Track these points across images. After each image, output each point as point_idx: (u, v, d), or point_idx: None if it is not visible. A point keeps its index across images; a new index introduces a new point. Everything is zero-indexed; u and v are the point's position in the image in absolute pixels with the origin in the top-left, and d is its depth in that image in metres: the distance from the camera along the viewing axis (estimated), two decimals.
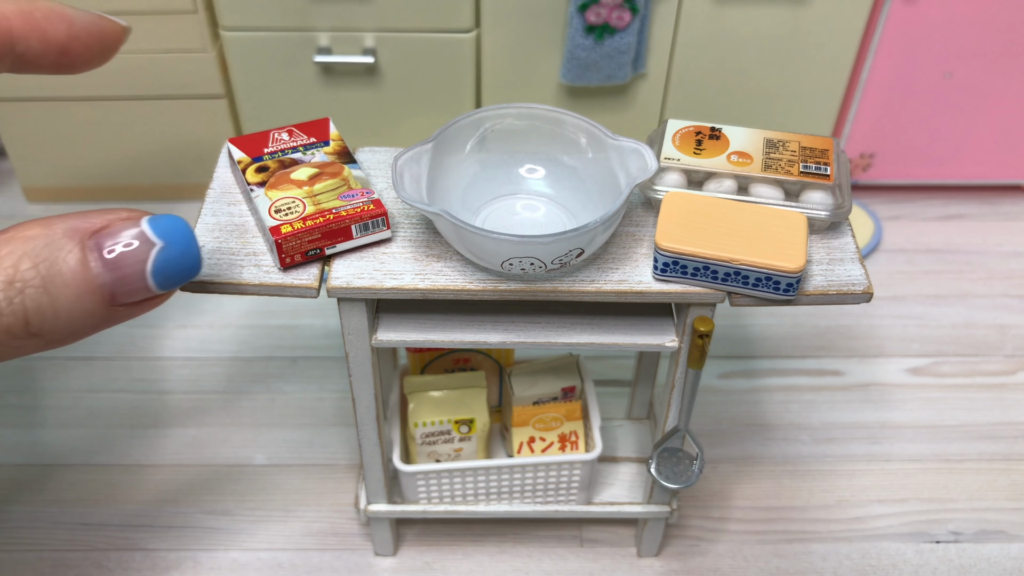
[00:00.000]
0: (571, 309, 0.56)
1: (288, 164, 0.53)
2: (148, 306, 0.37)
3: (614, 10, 0.87)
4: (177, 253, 0.37)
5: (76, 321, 0.34)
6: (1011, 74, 0.99)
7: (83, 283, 0.33)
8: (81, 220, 0.34)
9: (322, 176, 0.52)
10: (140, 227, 0.35)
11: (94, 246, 0.34)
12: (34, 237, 0.33)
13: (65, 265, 0.33)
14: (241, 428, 0.85)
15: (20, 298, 0.32)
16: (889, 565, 0.75)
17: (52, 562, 0.74)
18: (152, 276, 0.35)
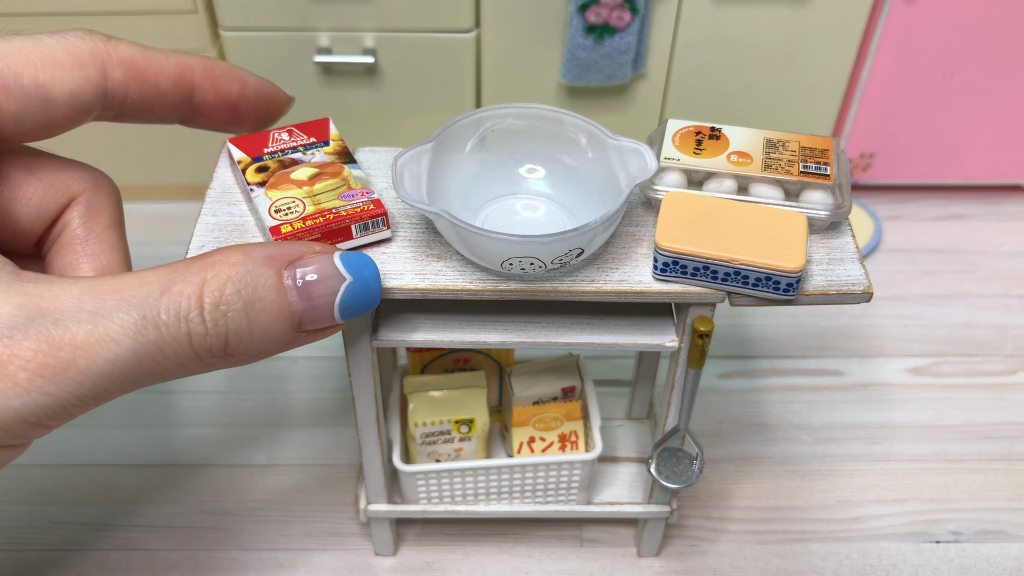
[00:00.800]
0: (571, 309, 0.56)
1: (288, 164, 0.53)
2: (327, 333, 0.39)
3: (614, 10, 0.87)
4: (364, 289, 0.39)
5: (266, 344, 0.36)
6: (1011, 74, 0.99)
7: (278, 309, 0.36)
8: (277, 249, 0.37)
9: (322, 176, 0.52)
10: (332, 261, 0.38)
11: (290, 275, 0.36)
12: (237, 264, 0.35)
13: (265, 291, 0.35)
14: (241, 428, 0.85)
15: (224, 320, 0.34)
16: (889, 565, 0.75)
17: (52, 562, 0.74)
18: (339, 308, 0.38)
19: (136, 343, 0.32)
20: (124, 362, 0.32)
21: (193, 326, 0.33)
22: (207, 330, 0.34)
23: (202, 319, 0.33)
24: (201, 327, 0.33)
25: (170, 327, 0.33)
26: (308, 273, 0.37)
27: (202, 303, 0.33)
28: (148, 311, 0.32)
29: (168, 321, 0.33)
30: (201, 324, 0.33)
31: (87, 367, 0.31)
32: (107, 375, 0.32)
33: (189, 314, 0.33)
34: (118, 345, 0.32)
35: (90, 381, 0.32)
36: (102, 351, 0.31)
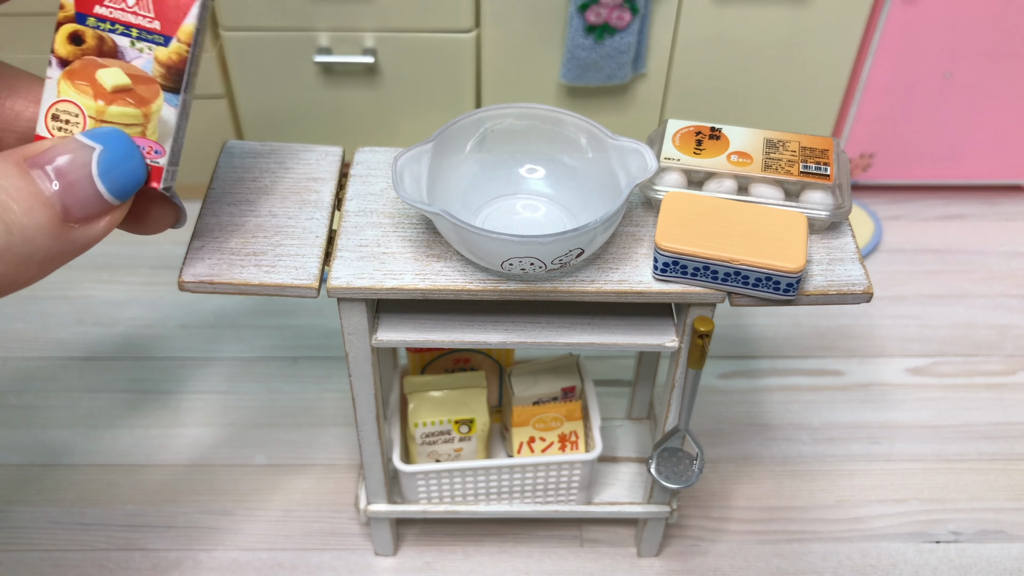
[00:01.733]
0: (571, 309, 0.56)
1: (108, 47, 0.41)
2: (105, 223, 0.35)
3: (614, 10, 0.87)
4: (120, 155, 0.35)
5: (31, 238, 0.32)
6: (1011, 74, 0.99)
7: (31, 196, 0.32)
8: (17, 149, 0.33)
9: (127, 96, 0.41)
10: (75, 138, 0.34)
11: (34, 163, 0.32)
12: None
13: (7, 180, 0.31)
14: (241, 428, 0.85)
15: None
16: (889, 565, 0.75)
17: (52, 562, 0.74)
18: (101, 179, 0.34)
19: None
20: None
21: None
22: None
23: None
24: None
25: None
26: (52, 156, 0.33)
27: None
28: None
29: None
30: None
31: None
32: None
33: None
34: None
35: None
36: None
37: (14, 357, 0.91)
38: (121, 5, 0.40)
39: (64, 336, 0.93)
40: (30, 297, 0.97)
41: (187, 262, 0.51)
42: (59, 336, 0.93)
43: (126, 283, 0.99)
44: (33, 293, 0.98)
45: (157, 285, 0.99)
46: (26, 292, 0.98)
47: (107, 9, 0.40)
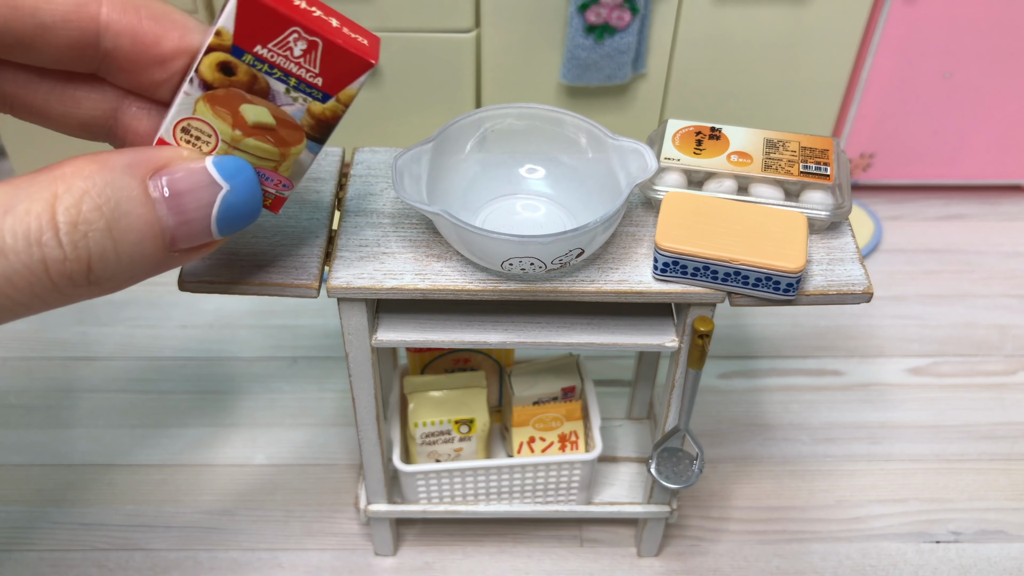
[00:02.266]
0: (571, 309, 0.56)
1: (259, 87, 0.39)
2: (202, 252, 0.34)
3: (614, 10, 0.87)
4: (243, 198, 0.34)
5: (135, 267, 0.31)
6: (1011, 74, 0.99)
7: (147, 227, 0.30)
8: (139, 155, 0.31)
9: (268, 135, 0.39)
10: (205, 166, 0.32)
11: (156, 186, 0.31)
12: (93, 174, 0.29)
13: (130, 205, 0.30)
14: (241, 428, 0.85)
15: (84, 242, 0.29)
16: (889, 565, 0.75)
17: (52, 562, 0.74)
18: (216, 222, 0.33)
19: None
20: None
21: (48, 251, 0.28)
22: (65, 255, 0.28)
23: (58, 242, 0.28)
24: (58, 251, 0.28)
25: (20, 254, 0.28)
26: (178, 182, 0.31)
27: (56, 223, 0.28)
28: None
29: (16, 247, 0.27)
30: (58, 248, 0.28)
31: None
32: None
33: (42, 237, 0.28)
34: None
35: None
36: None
37: (14, 357, 0.91)
38: (286, 53, 0.38)
39: (64, 336, 0.93)
40: None
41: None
42: (59, 336, 0.93)
43: None
44: None
45: (157, 285, 0.99)
46: None
47: (269, 52, 0.38)
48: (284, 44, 0.38)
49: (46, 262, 0.28)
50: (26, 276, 0.28)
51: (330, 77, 0.39)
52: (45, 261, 0.28)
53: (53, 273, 0.29)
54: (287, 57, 0.38)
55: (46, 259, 0.28)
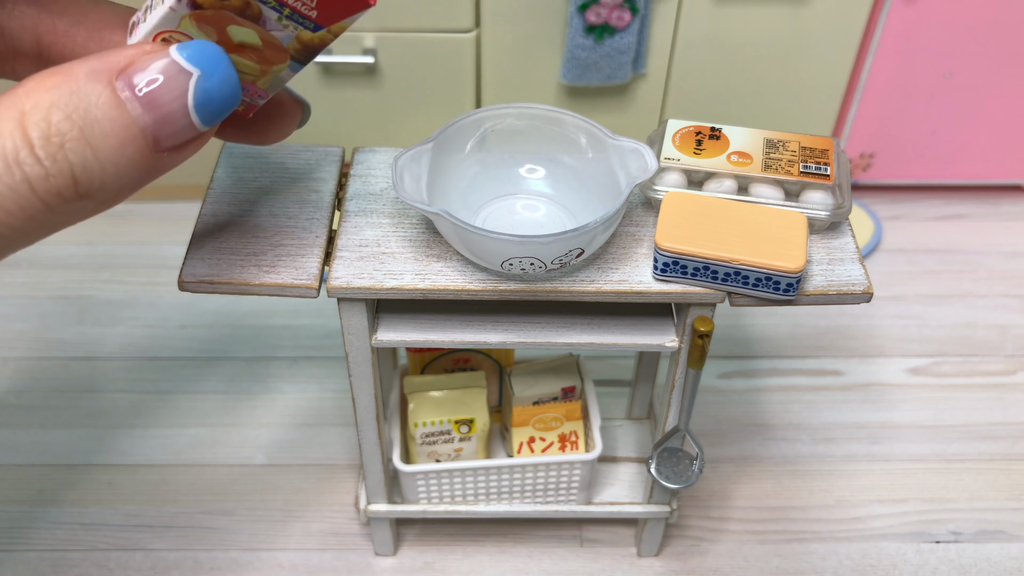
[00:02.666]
0: (571, 309, 0.56)
1: (252, 12, 0.38)
2: (191, 149, 0.33)
3: (614, 10, 0.87)
4: (217, 81, 0.32)
5: (123, 173, 0.30)
6: (1011, 74, 0.99)
7: (123, 128, 0.29)
8: (101, 60, 0.30)
9: (253, 53, 0.38)
10: (170, 57, 0.31)
11: (125, 85, 0.30)
12: (56, 86, 0.28)
13: (100, 111, 0.29)
14: (241, 428, 0.85)
15: (62, 153, 0.28)
16: (889, 565, 0.75)
17: (52, 562, 0.74)
18: (196, 111, 0.31)
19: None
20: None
21: (28, 168, 0.27)
22: (46, 170, 0.28)
23: (36, 158, 0.27)
24: (38, 168, 0.28)
25: (1, 176, 0.27)
26: (145, 76, 0.30)
27: (29, 139, 0.27)
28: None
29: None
30: (37, 164, 0.28)
31: None
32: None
33: (19, 155, 0.27)
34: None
35: None
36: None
37: (14, 357, 0.91)
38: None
39: (64, 336, 0.93)
40: (30, 297, 0.97)
41: (187, 262, 0.51)
42: (59, 336, 0.93)
43: (126, 283, 0.99)
44: (33, 293, 0.97)
45: (157, 285, 0.99)
46: (26, 292, 0.98)
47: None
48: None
49: (29, 180, 0.28)
50: (14, 199, 0.28)
51: (326, 12, 0.38)
52: (28, 180, 0.28)
53: (39, 191, 0.28)
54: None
55: (28, 177, 0.28)
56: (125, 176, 0.30)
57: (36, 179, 0.28)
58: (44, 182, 0.28)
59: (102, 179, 0.29)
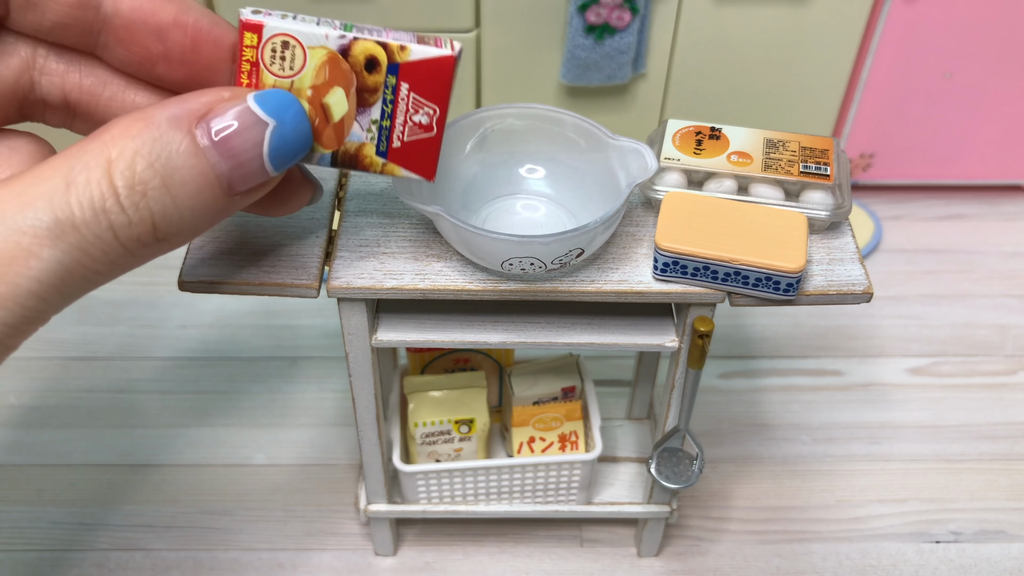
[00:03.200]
0: (571, 309, 0.56)
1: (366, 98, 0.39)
2: (261, 192, 0.34)
3: (614, 10, 0.87)
4: (291, 130, 0.34)
5: (198, 218, 0.31)
6: (1011, 74, 0.99)
7: (201, 175, 0.31)
8: (181, 107, 0.31)
9: (322, 120, 0.39)
10: (248, 106, 0.32)
11: (204, 134, 0.31)
12: (139, 133, 0.29)
13: (180, 159, 0.30)
14: (241, 428, 0.85)
15: (144, 202, 0.29)
16: (889, 565, 0.75)
17: (52, 561, 0.74)
18: (270, 159, 0.33)
19: (58, 251, 0.28)
20: (51, 276, 0.28)
21: (114, 217, 0.29)
22: (130, 218, 0.29)
23: (121, 207, 0.29)
24: (123, 216, 0.29)
25: (89, 224, 0.28)
26: (224, 125, 0.31)
27: (116, 188, 0.28)
28: (59, 211, 0.28)
29: (86, 218, 0.28)
30: (122, 213, 0.29)
31: (10, 292, 0.27)
32: (36, 294, 0.28)
33: (105, 204, 0.28)
34: (38, 259, 0.27)
35: (19, 306, 0.27)
36: (22, 270, 0.27)
37: (14, 357, 0.91)
38: (412, 109, 0.39)
39: (64, 336, 0.93)
40: None
41: (187, 262, 0.51)
42: (59, 336, 0.93)
43: (126, 283, 0.99)
44: None
45: (157, 285, 0.99)
46: None
47: (405, 96, 0.39)
48: (420, 105, 0.39)
49: (114, 228, 0.29)
50: (99, 245, 0.29)
51: (402, 154, 0.40)
52: (113, 228, 0.29)
53: (122, 238, 0.29)
54: (406, 111, 0.39)
55: (113, 225, 0.29)
56: (199, 220, 0.31)
57: (120, 227, 0.29)
58: (127, 229, 0.29)
59: (179, 224, 0.31)
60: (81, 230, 0.28)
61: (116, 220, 0.29)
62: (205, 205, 0.31)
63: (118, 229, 0.29)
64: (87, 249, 0.28)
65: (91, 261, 0.29)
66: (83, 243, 0.28)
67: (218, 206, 0.32)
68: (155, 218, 0.30)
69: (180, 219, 0.31)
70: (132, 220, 0.29)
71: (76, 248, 0.28)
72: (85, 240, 0.28)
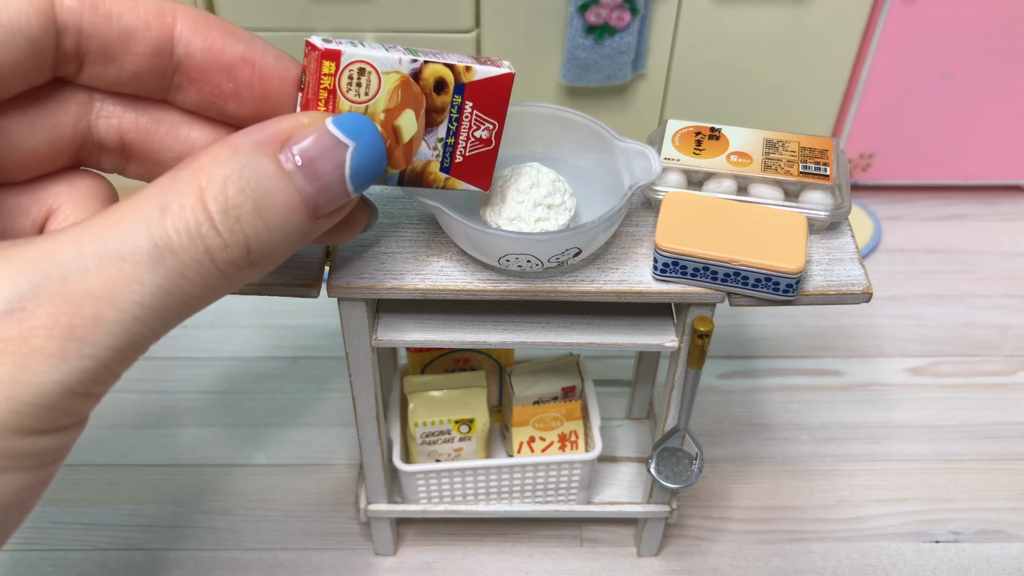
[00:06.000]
0: (571, 309, 0.56)
1: (434, 118, 0.41)
2: (342, 212, 0.35)
3: (614, 10, 0.87)
4: (369, 151, 0.35)
5: (287, 240, 0.32)
6: (1011, 74, 0.99)
7: (289, 199, 0.32)
8: (264, 133, 0.32)
9: (391, 140, 0.41)
10: (328, 129, 0.33)
11: (288, 158, 0.32)
12: (228, 160, 0.30)
13: (269, 182, 0.31)
14: (241, 428, 0.85)
15: (238, 226, 0.30)
16: (889, 565, 0.76)
17: (52, 561, 0.74)
18: (351, 180, 0.34)
19: (158, 276, 0.28)
20: (153, 300, 0.28)
21: (209, 241, 0.29)
22: (225, 241, 0.30)
23: (216, 231, 0.30)
24: (218, 240, 0.30)
25: (187, 248, 0.29)
26: (307, 150, 0.32)
27: (210, 213, 0.29)
28: (157, 237, 0.29)
29: (183, 242, 0.29)
30: (217, 236, 0.30)
31: (117, 317, 0.28)
32: (140, 319, 0.28)
33: (201, 228, 0.29)
34: (140, 284, 0.28)
35: (124, 330, 0.28)
36: (127, 294, 0.28)
37: None
38: (474, 125, 0.42)
39: None
40: None
41: None
42: None
43: None
44: None
45: None
46: None
47: (470, 113, 0.42)
48: (482, 122, 0.42)
49: (210, 252, 0.30)
50: (196, 269, 0.29)
51: (464, 169, 0.43)
52: (209, 251, 0.29)
53: (218, 261, 0.30)
54: (469, 128, 0.42)
55: (209, 249, 0.29)
56: (288, 242, 0.32)
57: (216, 250, 0.30)
58: (222, 252, 0.30)
59: (271, 247, 0.32)
60: (179, 255, 0.29)
61: (212, 244, 0.29)
62: (293, 228, 0.32)
63: (214, 253, 0.30)
64: (186, 273, 0.29)
65: (189, 285, 0.29)
66: (182, 267, 0.29)
67: (305, 228, 0.33)
68: (249, 241, 0.31)
69: (272, 242, 0.31)
70: (228, 243, 0.30)
71: (176, 272, 0.29)
72: (183, 264, 0.29)
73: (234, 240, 0.30)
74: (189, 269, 0.29)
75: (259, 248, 0.31)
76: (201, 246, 0.29)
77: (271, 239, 0.31)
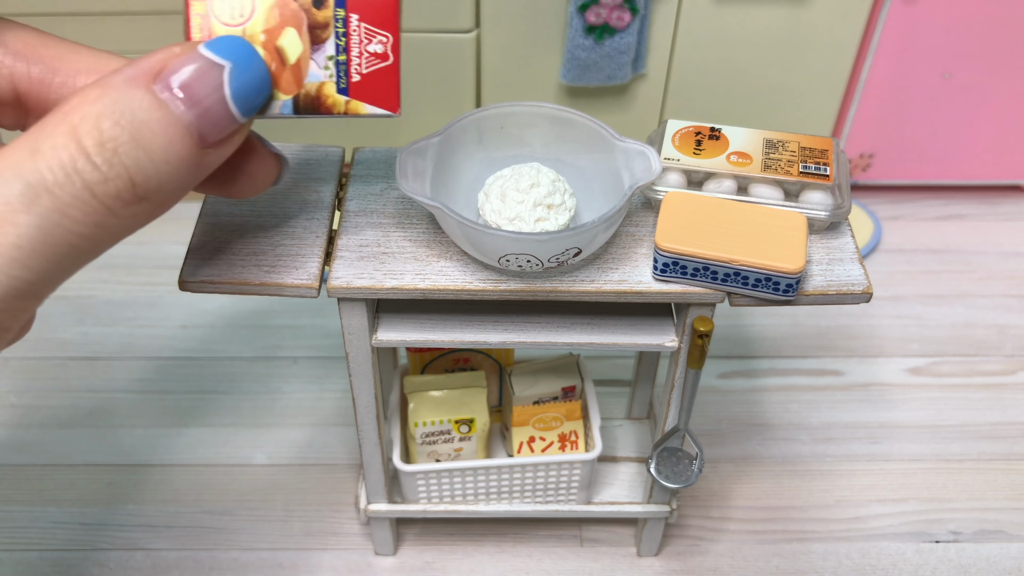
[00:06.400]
0: (571, 309, 0.56)
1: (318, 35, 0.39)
2: (233, 142, 0.34)
3: (614, 10, 0.87)
4: (248, 70, 0.34)
5: (175, 172, 0.31)
6: (1011, 74, 0.99)
7: (170, 127, 0.31)
8: (134, 68, 0.31)
9: (277, 63, 0.39)
10: (200, 53, 0.32)
11: (163, 87, 0.31)
12: (98, 98, 0.30)
13: (146, 114, 0.30)
14: (241, 428, 0.85)
15: (117, 157, 0.29)
16: (889, 565, 0.76)
17: (52, 561, 0.74)
18: (234, 101, 0.33)
19: (33, 216, 0.28)
20: (31, 241, 0.28)
21: (87, 175, 0.29)
22: (104, 175, 0.29)
23: (93, 164, 0.29)
24: (96, 173, 0.29)
25: (63, 186, 0.28)
26: (181, 75, 0.31)
27: (84, 147, 0.29)
28: (30, 177, 0.28)
29: (58, 180, 0.28)
30: (95, 170, 0.29)
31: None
32: (20, 262, 0.28)
33: (76, 164, 0.28)
34: (14, 225, 0.27)
35: (4, 275, 0.27)
36: (0, 238, 0.27)
37: (14, 357, 0.91)
38: (364, 39, 0.39)
39: (64, 336, 0.93)
40: None
41: (187, 262, 0.51)
42: (59, 336, 0.93)
43: (126, 283, 0.99)
44: None
45: (157, 285, 0.99)
46: None
47: (356, 27, 0.39)
48: (373, 35, 0.39)
49: (90, 187, 0.29)
50: (77, 206, 0.29)
51: (363, 88, 0.40)
52: (89, 186, 0.29)
53: (100, 195, 0.29)
54: (360, 42, 0.39)
55: (88, 184, 0.29)
56: (177, 174, 0.31)
57: (95, 184, 0.29)
58: (103, 186, 0.29)
59: (157, 179, 0.30)
60: (55, 192, 0.28)
61: (91, 178, 0.29)
62: (179, 158, 0.31)
63: (95, 187, 0.29)
64: (65, 211, 0.28)
65: (72, 223, 0.29)
66: (60, 205, 0.28)
67: (193, 159, 0.32)
68: (131, 173, 0.30)
69: (157, 173, 0.30)
70: (108, 176, 0.29)
71: (53, 211, 0.28)
72: (61, 202, 0.28)
73: (114, 173, 0.29)
74: (69, 207, 0.29)
75: (144, 180, 0.30)
76: (79, 181, 0.29)
77: (156, 171, 0.30)
